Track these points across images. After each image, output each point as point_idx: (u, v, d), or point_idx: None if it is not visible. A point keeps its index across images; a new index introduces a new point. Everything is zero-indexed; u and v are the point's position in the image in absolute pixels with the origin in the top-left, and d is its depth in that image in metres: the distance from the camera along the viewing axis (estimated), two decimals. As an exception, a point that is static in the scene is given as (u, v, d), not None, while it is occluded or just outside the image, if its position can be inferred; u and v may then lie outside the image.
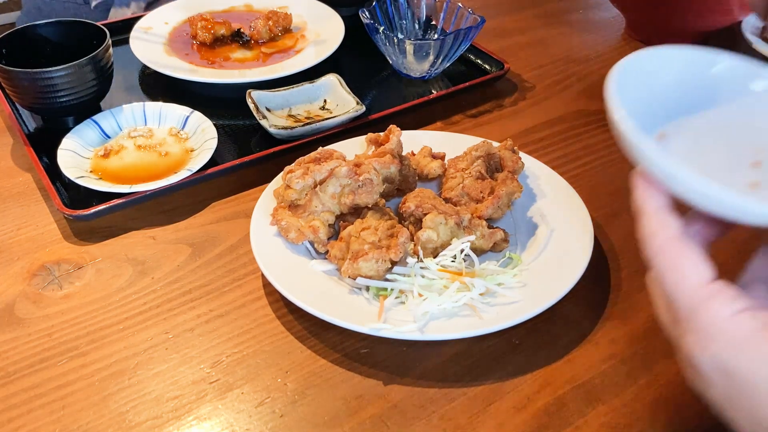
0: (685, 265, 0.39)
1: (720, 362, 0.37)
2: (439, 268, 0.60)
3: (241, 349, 0.58)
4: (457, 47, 0.90)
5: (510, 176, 0.69)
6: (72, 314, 0.61)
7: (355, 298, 0.59)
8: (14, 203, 0.73)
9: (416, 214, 0.63)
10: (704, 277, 0.39)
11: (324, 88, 0.88)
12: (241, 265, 0.66)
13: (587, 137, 0.86)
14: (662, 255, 0.40)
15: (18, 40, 0.83)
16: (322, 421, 0.53)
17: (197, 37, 0.98)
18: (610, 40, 1.10)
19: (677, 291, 0.39)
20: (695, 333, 0.38)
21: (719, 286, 0.38)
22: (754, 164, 0.46)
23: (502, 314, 0.57)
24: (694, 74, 0.50)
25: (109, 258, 0.67)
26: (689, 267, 0.39)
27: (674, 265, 0.40)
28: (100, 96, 0.84)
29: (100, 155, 0.77)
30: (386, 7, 0.97)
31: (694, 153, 0.47)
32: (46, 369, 0.56)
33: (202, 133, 0.79)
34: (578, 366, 0.57)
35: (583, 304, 0.63)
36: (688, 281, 0.39)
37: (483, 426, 0.53)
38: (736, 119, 0.49)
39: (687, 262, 0.39)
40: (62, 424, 0.52)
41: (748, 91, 0.49)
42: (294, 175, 0.64)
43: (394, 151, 0.68)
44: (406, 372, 0.57)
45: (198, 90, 0.91)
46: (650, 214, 0.41)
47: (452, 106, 0.90)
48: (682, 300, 0.39)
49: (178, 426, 0.52)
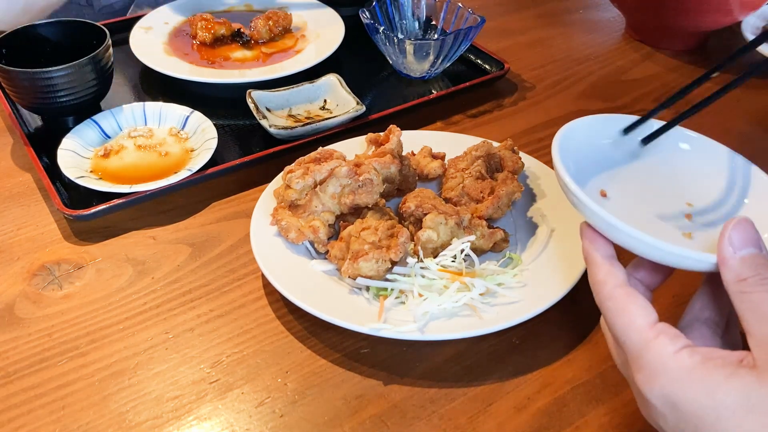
0: (631, 309, 0.43)
1: (666, 395, 0.40)
2: (439, 268, 0.60)
3: (241, 349, 0.58)
4: (457, 47, 0.90)
5: (510, 176, 0.69)
6: (72, 314, 0.61)
7: (355, 298, 0.59)
8: (14, 203, 0.73)
9: (416, 214, 0.63)
10: (649, 320, 0.43)
11: (324, 88, 0.88)
12: (241, 265, 0.66)
13: (587, 137, 0.86)
14: (611, 301, 0.45)
15: (18, 40, 0.83)
16: (322, 421, 0.53)
17: (197, 37, 0.98)
18: (610, 40, 1.10)
19: (625, 333, 0.43)
20: (643, 370, 0.42)
21: (662, 327, 0.42)
22: (687, 215, 0.53)
23: (502, 314, 0.57)
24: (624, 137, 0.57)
25: (109, 258, 0.67)
26: (635, 311, 0.43)
27: (622, 310, 0.44)
28: (100, 96, 0.84)
29: (100, 155, 0.77)
30: (386, 7, 0.97)
31: (632, 206, 0.53)
32: (46, 369, 0.56)
33: (202, 133, 0.79)
34: (578, 366, 0.57)
35: (584, 303, 0.62)
36: (634, 324, 0.43)
37: (483, 426, 0.53)
38: (665, 174, 0.56)
39: (633, 307, 0.43)
40: (62, 424, 0.52)
41: (676, 148, 0.57)
42: (294, 175, 0.64)
43: (394, 151, 0.68)
44: (406, 372, 0.57)
45: (198, 90, 0.91)
46: (598, 264, 0.46)
47: (452, 106, 0.90)
48: (629, 341, 0.43)
49: (178, 426, 0.52)
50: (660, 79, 0.99)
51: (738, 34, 1.03)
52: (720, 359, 0.40)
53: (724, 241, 0.42)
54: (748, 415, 0.37)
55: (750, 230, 0.42)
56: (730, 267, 0.41)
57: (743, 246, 0.42)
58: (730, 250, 0.42)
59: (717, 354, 0.40)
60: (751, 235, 0.42)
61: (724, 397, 0.38)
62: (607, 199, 0.53)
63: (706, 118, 0.92)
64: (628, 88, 0.97)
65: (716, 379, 0.39)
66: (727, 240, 0.42)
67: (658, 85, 0.97)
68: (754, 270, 0.41)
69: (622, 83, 0.98)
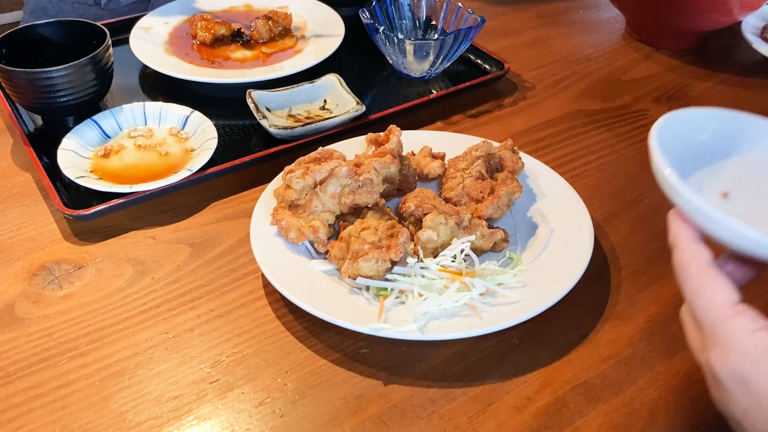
0: (712, 288, 0.43)
1: (740, 373, 0.40)
2: (439, 268, 0.60)
3: (241, 349, 0.58)
4: (457, 47, 0.90)
5: (510, 176, 0.69)
6: (72, 314, 0.61)
7: (355, 298, 0.59)
8: (14, 203, 0.73)
9: (416, 214, 0.63)
10: (730, 299, 0.42)
11: (324, 88, 0.88)
12: (241, 265, 0.66)
13: (587, 137, 0.86)
14: (693, 280, 0.44)
15: (18, 40, 0.83)
16: (322, 421, 0.53)
17: (197, 37, 0.98)
18: (610, 40, 1.10)
19: (704, 311, 0.43)
20: (717, 346, 0.41)
21: (743, 307, 0.42)
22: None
23: (502, 314, 0.57)
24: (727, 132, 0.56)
25: (109, 258, 0.67)
26: (716, 290, 0.43)
27: (704, 288, 0.43)
28: (100, 96, 0.84)
29: (100, 155, 0.77)
30: (386, 7, 0.97)
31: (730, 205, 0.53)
32: (46, 369, 0.56)
33: (202, 133, 0.79)
34: (578, 366, 0.57)
35: (583, 304, 0.63)
36: (714, 302, 0.42)
37: (483, 426, 0.53)
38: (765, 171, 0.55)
39: (715, 286, 0.43)
40: (62, 424, 0.52)
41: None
42: (294, 175, 0.64)
43: (394, 151, 0.68)
44: (406, 372, 0.57)
45: (198, 90, 0.91)
46: (683, 245, 0.46)
47: (452, 106, 0.90)
48: (708, 318, 0.42)
49: (178, 426, 0.52)
50: (660, 79, 0.99)
51: (738, 34, 1.03)
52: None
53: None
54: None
55: None
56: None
57: None
58: None
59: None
60: None
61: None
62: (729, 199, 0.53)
63: (706, 118, 0.92)
64: (628, 87, 0.97)
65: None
66: None
67: (658, 85, 0.97)
68: None
69: (622, 83, 0.98)
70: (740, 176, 0.55)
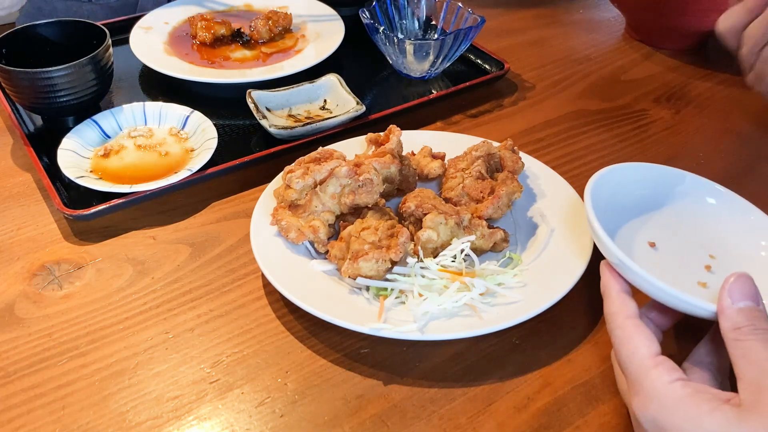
0: (636, 339, 0.48)
1: (656, 420, 0.44)
2: (439, 268, 0.60)
3: (241, 349, 0.58)
4: (457, 47, 0.90)
5: (510, 176, 0.69)
6: (72, 314, 0.61)
7: (355, 298, 0.59)
8: (14, 203, 0.73)
9: (416, 214, 0.63)
10: (651, 351, 0.47)
11: (324, 88, 0.88)
12: (241, 265, 0.66)
13: (587, 137, 0.86)
14: (619, 330, 0.49)
15: (18, 40, 0.83)
16: (322, 421, 0.53)
17: (197, 37, 0.98)
18: (610, 40, 1.10)
19: (628, 360, 0.47)
20: (640, 394, 0.46)
21: (662, 359, 0.46)
22: (706, 267, 0.58)
23: (502, 314, 0.57)
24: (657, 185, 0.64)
25: (109, 258, 0.67)
26: (639, 342, 0.47)
27: (629, 339, 0.48)
28: (100, 96, 0.84)
29: (100, 155, 0.77)
30: (386, 7, 0.97)
31: (656, 253, 0.60)
32: (46, 369, 0.56)
33: (202, 133, 0.79)
34: (578, 366, 0.57)
35: (583, 304, 0.63)
36: (638, 352, 0.47)
37: (483, 426, 0.53)
38: (692, 224, 0.62)
39: (638, 337, 0.48)
40: (62, 424, 0.52)
41: (704, 202, 0.63)
42: (294, 175, 0.64)
43: (394, 151, 0.68)
44: (406, 372, 0.57)
45: (198, 90, 0.91)
46: (612, 296, 0.51)
47: (452, 106, 0.90)
48: (631, 367, 0.47)
49: (178, 426, 0.52)
50: (660, 79, 0.99)
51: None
52: (709, 394, 0.43)
53: (724, 293, 0.46)
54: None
55: (749, 285, 0.47)
56: (727, 316, 0.46)
57: (741, 299, 0.46)
58: (728, 301, 0.46)
59: (707, 390, 0.44)
60: (749, 290, 0.46)
61: (707, 427, 0.42)
62: (656, 249, 0.60)
63: (706, 118, 0.92)
64: (628, 87, 0.97)
65: (702, 410, 0.42)
66: (727, 292, 0.46)
67: (657, 85, 0.97)
68: (749, 321, 0.45)
69: (621, 83, 0.98)
70: (668, 227, 0.62)
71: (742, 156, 0.83)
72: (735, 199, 0.63)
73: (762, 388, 0.41)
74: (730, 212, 0.62)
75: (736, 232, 0.61)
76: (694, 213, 0.63)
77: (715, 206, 0.63)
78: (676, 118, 0.90)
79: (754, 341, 0.44)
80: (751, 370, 0.43)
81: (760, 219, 0.61)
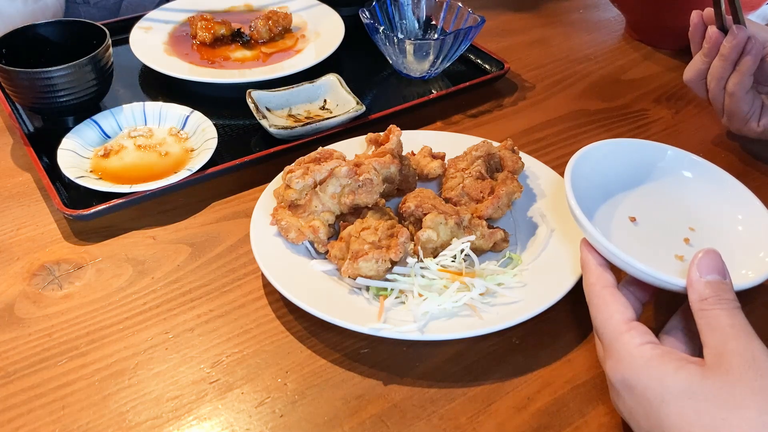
0: (612, 306, 0.51)
1: (626, 379, 0.47)
2: (439, 268, 0.60)
3: (241, 349, 0.58)
4: (457, 47, 0.90)
5: (510, 176, 0.69)
6: (72, 314, 0.61)
7: (355, 298, 0.59)
8: (14, 203, 0.73)
9: (416, 214, 0.63)
10: (625, 316, 0.50)
11: (324, 88, 0.88)
12: (241, 265, 0.66)
13: (587, 137, 0.86)
14: (597, 299, 0.52)
15: (18, 40, 0.83)
16: (322, 421, 0.53)
17: (197, 37, 0.98)
18: (610, 40, 1.10)
19: (603, 326, 0.50)
20: (612, 357, 0.49)
21: (635, 324, 0.49)
22: (685, 240, 0.60)
23: (502, 314, 0.57)
24: (639, 161, 0.65)
25: (109, 258, 0.67)
26: (614, 309, 0.50)
27: (604, 306, 0.51)
28: (100, 96, 0.84)
29: (100, 155, 0.77)
30: (386, 6, 0.97)
31: (635, 227, 0.61)
32: (46, 369, 0.56)
33: (202, 133, 0.79)
34: (578, 366, 0.57)
35: (583, 303, 0.62)
36: (612, 319, 0.50)
37: (483, 426, 0.53)
38: (672, 198, 0.64)
39: (614, 305, 0.51)
40: (62, 424, 0.52)
41: (683, 176, 0.65)
42: (294, 175, 0.64)
43: (394, 151, 0.68)
44: (406, 372, 0.57)
45: (198, 90, 0.91)
46: (591, 269, 0.54)
47: (452, 106, 0.90)
48: (606, 333, 0.50)
49: (178, 426, 0.52)
50: (660, 79, 0.99)
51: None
52: (676, 355, 0.46)
53: (693, 268, 0.49)
54: (687, 402, 0.43)
55: (716, 260, 0.49)
56: (695, 289, 0.48)
57: (708, 272, 0.49)
58: (697, 274, 0.49)
59: (674, 352, 0.47)
60: (716, 264, 0.49)
61: (671, 384, 0.44)
62: (636, 224, 0.61)
63: (706, 118, 0.92)
64: (627, 87, 0.97)
65: (667, 369, 0.45)
66: (696, 267, 0.49)
67: (657, 85, 0.97)
68: (715, 292, 0.47)
69: (621, 83, 0.98)
70: (650, 201, 0.63)
71: (742, 156, 0.83)
72: (713, 170, 0.64)
73: (724, 352, 0.44)
74: (708, 184, 0.64)
75: (715, 203, 0.63)
76: (675, 186, 0.64)
77: (695, 179, 0.64)
78: (676, 118, 0.90)
79: (719, 310, 0.46)
80: (715, 337, 0.45)
81: (737, 191, 0.63)
